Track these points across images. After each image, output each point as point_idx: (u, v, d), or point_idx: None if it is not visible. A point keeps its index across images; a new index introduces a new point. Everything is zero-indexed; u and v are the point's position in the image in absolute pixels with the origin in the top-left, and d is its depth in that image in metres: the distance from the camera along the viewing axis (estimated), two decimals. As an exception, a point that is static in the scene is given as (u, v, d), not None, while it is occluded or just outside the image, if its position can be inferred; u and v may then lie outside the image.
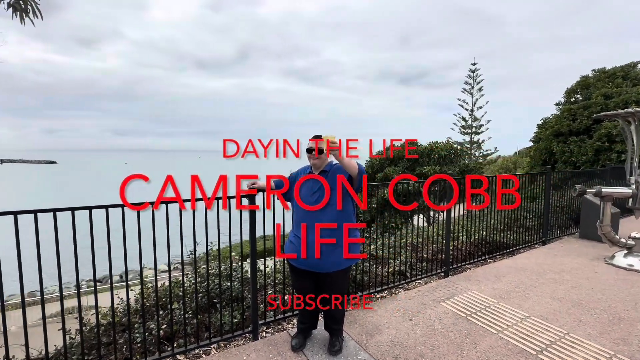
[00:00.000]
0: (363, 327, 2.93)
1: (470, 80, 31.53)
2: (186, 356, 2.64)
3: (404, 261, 4.09)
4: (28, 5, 2.39)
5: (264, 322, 2.98)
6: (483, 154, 30.50)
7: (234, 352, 2.61)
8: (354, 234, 2.43)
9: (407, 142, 10.39)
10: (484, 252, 4.88)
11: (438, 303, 3.38)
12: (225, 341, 2.79)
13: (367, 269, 3.67)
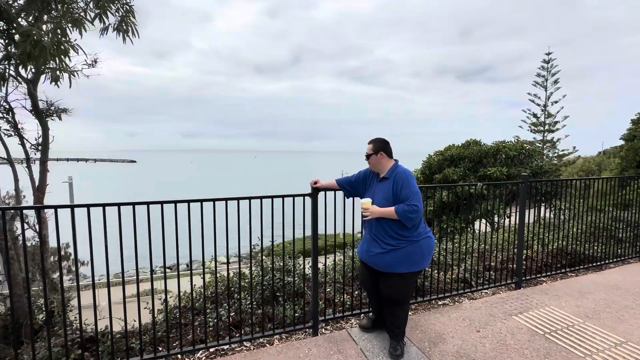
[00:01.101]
0: (425, 334, 2.83)
1: (544, 71, 28.29)
2: (252, 343, 2.81)
3: (468, 268, 3.84)
4: (129, 26, 2.78)
5: (324, 319, 3.04)
6: (558, 154, 27.18)
7: (296, 345, 2.71)
8: (398, 243, 2.33)
9: (470, 141, 9.70)
10: (564, 264, 4.35)
11: (509, 316, 3.11)
12: (287, 333, 2.91)
13: (427, 274, 3.53)
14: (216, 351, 2.69)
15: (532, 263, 4.18)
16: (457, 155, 9.34)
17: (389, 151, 2.48)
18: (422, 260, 2.39)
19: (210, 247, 2.64)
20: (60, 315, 4.19)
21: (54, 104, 3.93)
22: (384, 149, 2.46)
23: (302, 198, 2.85)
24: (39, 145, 3.98)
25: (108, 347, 2.58)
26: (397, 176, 2.35)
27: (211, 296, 3.53)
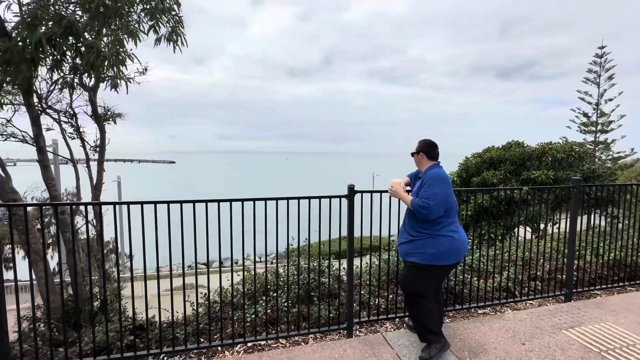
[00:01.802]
0: (465, 342, 2.72)
1: (596, 67, 26.01)
2: (287, 341, 2.87)
3: (510, 277, 3.64)
4: (178, 36, 2.98)
5: (358, 322, 3.03)
6: (613, 157, 24.84)
7: (330, 345, 2.73)
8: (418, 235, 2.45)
9: (511, 143, 9.17)
10: (622, 277, 3.98)
11: (558, 330, 2.90)
12: (321, 333, 2.94)
13: (466, 281, 3.39)
14: (254, 346, 2.78)
15: (584, 274, 3.86)
16: (497, 158, 8.86)
17: (430, 153, 2.55)
18: (436, 256, 2.38)
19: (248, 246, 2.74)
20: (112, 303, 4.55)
21: (110, 110, 4.32)
22: (424, 150, 2.56)
23: (338, 199, 2.86)
24: (97, 147, 4.38)
25: (156, 335, 2.76)
26: (425, 177, 2.46)
27: (248, 293, 3.65)
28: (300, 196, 2.77)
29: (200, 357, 2.67)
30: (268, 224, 2.67)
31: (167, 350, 2.64)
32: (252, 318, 2.97)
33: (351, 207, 2.85)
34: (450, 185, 2.48)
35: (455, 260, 2.47)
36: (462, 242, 2.46)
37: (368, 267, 3.47)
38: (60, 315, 3.60)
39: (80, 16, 2.77)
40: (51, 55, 2.61)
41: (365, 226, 3.06)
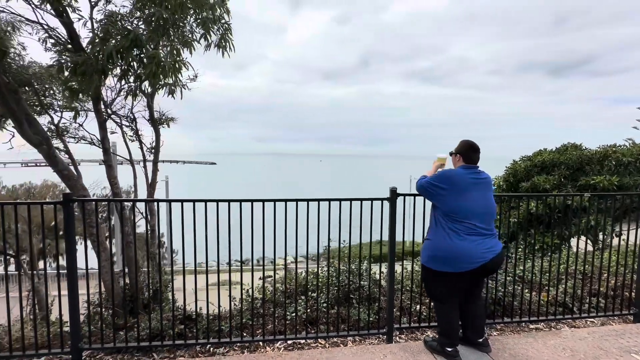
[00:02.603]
0: (515, 358, 2.55)
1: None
2: (326, 341, 2.89)
3: (568, 292, 3.34)
4: (227, 42, 3.16)
5: (398, 327, 2.97)
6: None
7: (370, 349, 2.70)
8: (428, 236, 2.56)
9: (567, 145, 8.42)
10: None
11: (627, 354, 2.61)
12: (360, 336, 2.92)
13: (515, 292, 3.18)
14: (293, 344, 2.84)
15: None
16: (549, 161, 8.18)
17: (467, 155, 2.49)
18: (431, 260, 2.47)
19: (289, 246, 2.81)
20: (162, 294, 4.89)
21: (164, 114, 4.70)
22: (462, 152, 2.52)
23: (379, 202, 2.84)
24: (152, 149, 4.78)
25: (203, 326, 2.93)
26: None
27: (287, 291, 3.73)
28: (341, 198, 2.79)
29: (243, 350, 2.78)
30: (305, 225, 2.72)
31: (214, 342, 2.79)
32: (292, 317, 3.03)
33: (393, 210, 2.81)
34: (459, 191, 2.36)
35: (455, 269, 2.35)
36: (461, 251, 2.32)
37: (409, 273, 3.39)
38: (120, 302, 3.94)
39: (143, 29, 3.04)
40: (119, 66, 2.90)
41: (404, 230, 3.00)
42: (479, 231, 2.35)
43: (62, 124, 4.72)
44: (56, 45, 4.16)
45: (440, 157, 2.68)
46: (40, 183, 16.60)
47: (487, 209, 2.40)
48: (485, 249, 2.34)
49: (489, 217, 2.41)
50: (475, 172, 2.44)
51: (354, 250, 5.46)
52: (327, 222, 2.82)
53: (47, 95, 4.96)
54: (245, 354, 2.71)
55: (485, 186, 2.45)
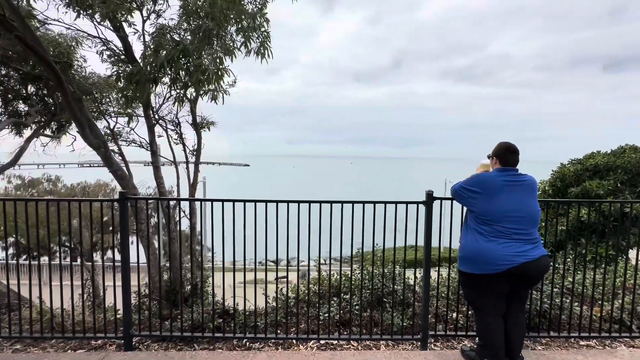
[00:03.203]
0: (563, 376, 2.39)
1: None
2: (359, 344, 2.89)
3: (626, 308, 3.06)
4: (265, 49, 3.29)
5: (433, 335, 2.90)
6: None
7: (404, 355, 2.67)
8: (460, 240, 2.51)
9: (625, 147, 7.68)
10: None
11: (698, 380, 2.34)
12: (393, 341, 2.89)
13: (564, 305, 2.96)
14: (326, 344, 2.87)
15: None
16: (603, 165, 7.51)
17: (504, 158, 2.42)
18: (462, 261, 2.44)
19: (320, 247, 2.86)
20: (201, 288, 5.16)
21: (205, 118, 5.00)
22: (498, 154, 2.45)
23: (415, 205, 2.80)
24: (193, 151, 5.09)
25: (239, 321, 3.05)
26: None
27: (319, 292, 3.78)
28: (375, 201, 2.78)
29: (277, 347, 2.86)
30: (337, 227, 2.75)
31: (250, 337, 2.90)
32: (325, 317, 3.07)
33: (429, 215, 2.75)
34: (490, 193, 2.31)
35: (480, 270, 2.29)
36: (484, 252, 2.27)
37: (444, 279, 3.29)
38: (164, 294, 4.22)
39: (190, 40, 3.25)
40: (168, 74, 3.14)
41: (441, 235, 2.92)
42: (510, 234, 2.25)
43: (116, 128, 5.17)
44: (111, 57, 4.57)
45: (484, 164, 2.63)
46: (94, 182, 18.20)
47: (522, 212, 2.29)
48: (515, 253, 2.22)
49: (525, 221, 2.29)
50: (512, 174, 2.36)
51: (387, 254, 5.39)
52: (361, 225, 2.82)
53: (103, 102, 5.46)
54: (279, 351, 2.79)
55: (524, 188, 2.35)
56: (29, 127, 5.72)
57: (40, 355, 2.67)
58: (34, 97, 5.54)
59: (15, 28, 2.91)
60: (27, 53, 4.78)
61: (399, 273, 3.53)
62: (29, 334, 2.86)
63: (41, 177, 18.31)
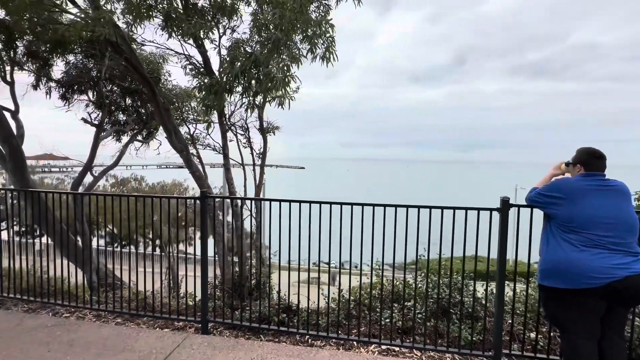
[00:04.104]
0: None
1: None
2: (422, 353, 2.79)
3: None
4: (331, 54, 3.40)
5: (507, 354, 2.66)
6: None
7: (473, 372, 2.50)
8: (541, 252, 2.24)
9: None
10: None
11: None
12: (461, 355, 2.73)
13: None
14: (387, 349, 2.83)
15: None
16: None
17: (585, 163, 2.21)
18: (542, 274, 2.17)
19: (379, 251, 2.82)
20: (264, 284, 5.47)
21: (271, 123, 5.35)
22: (581, 160, 2.24)
23: (487, 212, 2.61)
24: (259, 154, 5.46)
25: (302, 318, 3.17)
26: None
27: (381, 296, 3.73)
28: (444, 206, 2.67)
29: (338, 347, 2.90)
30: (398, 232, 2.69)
31: (312, 334, 2.99)
32: (386, 322, 3.03)
33: (504, 223, 2.55)
34: (575, 198, 2.07)
35: (569, 284, 1.99)
36: (576, 263, 1.98)
37: (520, 294, 3.01)
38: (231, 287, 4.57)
39: (260, 51, 3.51)
40: (241, 84, 3.42)
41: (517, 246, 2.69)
42: (604, 244, 1.97)
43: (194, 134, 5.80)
44: (192, 70, 5.13)
45: (562, 168, 2.38)
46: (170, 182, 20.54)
47: (615, 218, 2.00)
48: (615, 265, 1.92)
49: (620, 228, 1.99)
50: (598, 179, 2.11)
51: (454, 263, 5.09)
52: (427, 230, 2.73)
53: (183, 111, 6.16)
54: (340, 351, 2.83)
55: (616, 194, 2.07)
56: (126, 133, 6.75)
57: (136, 330, 3.10)
58: (130, 108, 6.52)
59: (124, 51, 3.48)
60: (129, 71, 5.64)
61: (466, 284, 3.32)
62: (127, 311, 3.34)
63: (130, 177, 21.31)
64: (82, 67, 5.91)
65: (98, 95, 6.03)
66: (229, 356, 2.68)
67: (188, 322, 3.23)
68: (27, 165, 5.21)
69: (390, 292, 3.63)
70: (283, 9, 2.93)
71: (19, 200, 3.86)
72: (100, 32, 2.80)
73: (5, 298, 3.54)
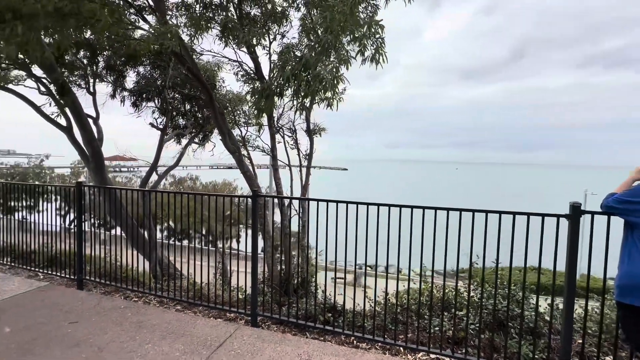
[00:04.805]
0: None
1: None
2: (476, 367, 2.62)
3: None
4: (380, 55, 3.37)
5: (577, 377, 2.40)
6: None
7: (535, 393, 2.29)
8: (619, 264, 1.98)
9: None
10: None
11: None
12: (520, 374, 2.51)
13: None
14: (437, 359, 2.71)
15: None
16: None
17: None
18: (618, 289, 1.93)
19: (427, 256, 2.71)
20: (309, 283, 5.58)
21: (317, 125, 5.46)
22: None
23: (554, 219, 2.38)
24: (306, 155, 5.58)
25: (347, 319, 3.17)
26: None
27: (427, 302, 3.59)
28: (502, 210, 2.49)
29: (384, 352, 2.85)
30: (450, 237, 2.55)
31: (358, 335, 2.97)
32: (435, 330, 2.90)
33: (575, 231, 2.31)
34: None
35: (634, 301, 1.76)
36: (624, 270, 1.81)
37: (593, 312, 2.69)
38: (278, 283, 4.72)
39: (310, 54, 3.59)
40: (292, 87, 3.54)
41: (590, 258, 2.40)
42: None
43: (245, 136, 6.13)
44: (244, 76, 5.42)
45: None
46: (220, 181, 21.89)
47: None
48: None
49: None
50: None
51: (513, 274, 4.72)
52: (483, 236, 2.57)
53: (235, 114, 6.53)
54: (387, 355, 2.78)
55: None
56: (185, 136, 7.37)
57: (193, 317, 3.35)
58: (189, 113, 7.11)
59: (186, 61, 3.83)
60: (189, 79, 6.16)
61: (527, 297, 3.05)
62: (185, 299, 3.62)
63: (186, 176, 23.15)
64: (150, 77, 6.58)
65: (163, 102, 6.67)
66: (277, 350, 2.78)
67: (239, 314, 3.41)
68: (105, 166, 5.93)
69: (439, 299, 3.47)
70: (333, 12, 2.97)
71: (97, 196, 4.39)
72: (168, 44, 3.10)
73: (87, 281, 4.06)
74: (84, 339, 2.88)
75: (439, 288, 3.89)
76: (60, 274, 4.20)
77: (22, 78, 6.23)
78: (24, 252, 4.57)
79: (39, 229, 4.57)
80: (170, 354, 2.69)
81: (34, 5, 2.28)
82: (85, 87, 6.53)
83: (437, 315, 3.23)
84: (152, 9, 4.48)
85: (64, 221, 9.41)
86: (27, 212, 4.50)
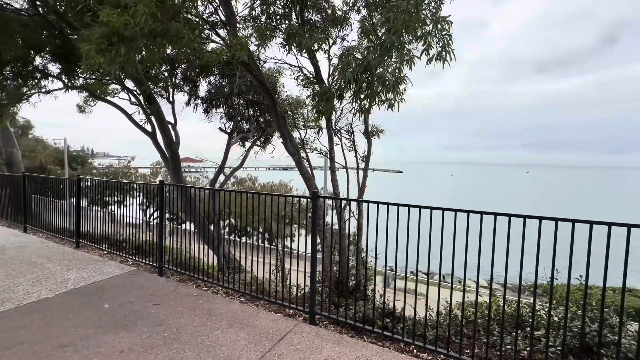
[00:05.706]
0: None
1: None
2: (558, 397, 2.33)
3: None
4: (447, 53, 3.20)
5: None
6: None
7: None
8: None
9: None
10: None
11: None
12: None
13: None
14: (509, 381, 2.48)
15: None
16: None
17: None
18: None
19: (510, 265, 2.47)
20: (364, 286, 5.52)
21: (375, 127, 5.41)
22: None
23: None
24: (364, 157, 5.55)
25: (407, 326, 3.06)
26: None
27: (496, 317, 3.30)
28: (593, 220, 2.18)
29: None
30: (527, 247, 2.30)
31: (418, 344, 2.86)
32: (507, 349, 2.65)
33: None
34: None
35: None
36: None
37: None
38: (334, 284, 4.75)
39: (371, 56, 3.56)
40: (352, 89, 3.55)
41: None
42: None
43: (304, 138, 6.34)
44: (304, 80, 5.59)
45: None
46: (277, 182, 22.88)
47: None
48: None
49: None
50: None
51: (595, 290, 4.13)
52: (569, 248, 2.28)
53: (295, 118, 6.78)
54: (451, 370, 2.62)
55: None
56: (248, 139, 7.90)
57: (256, 310, 3.55)
58: (252, 118, 7.61)
59: (253, 69, 4.11)
60: (254, 86, 6.58)
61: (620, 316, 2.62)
62: (249, 292, 3.86)
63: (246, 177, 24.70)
64: (219, 86, 7.19)
65: (230, 107, 7.24)
66: (335, 350, 2.80)
67: (297, 311, 3.52)
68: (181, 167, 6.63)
69: (512, 315, 3.16)
70: (396, 11, 2.91)
71: (173, 194, 4.91)
72: (239, 55, 3.36)
73: (166, 269, 4.56)
74: (165, 319, 3.24)
75: (509, 302, 3.56)
76: (145, 261, 4.79)
77: (117, 91, 7.31)
78: (117, 241, 5.32)
79: (126, 222, 5.27)
80: (236, 342, 2.89)
81: (134, 29, 2.68)
82: (165, 97, 7.41)
83: (508, 333, 2.96)
84: (223, 23, 4.90)
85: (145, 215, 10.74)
86: (116, 207, 5.23)
